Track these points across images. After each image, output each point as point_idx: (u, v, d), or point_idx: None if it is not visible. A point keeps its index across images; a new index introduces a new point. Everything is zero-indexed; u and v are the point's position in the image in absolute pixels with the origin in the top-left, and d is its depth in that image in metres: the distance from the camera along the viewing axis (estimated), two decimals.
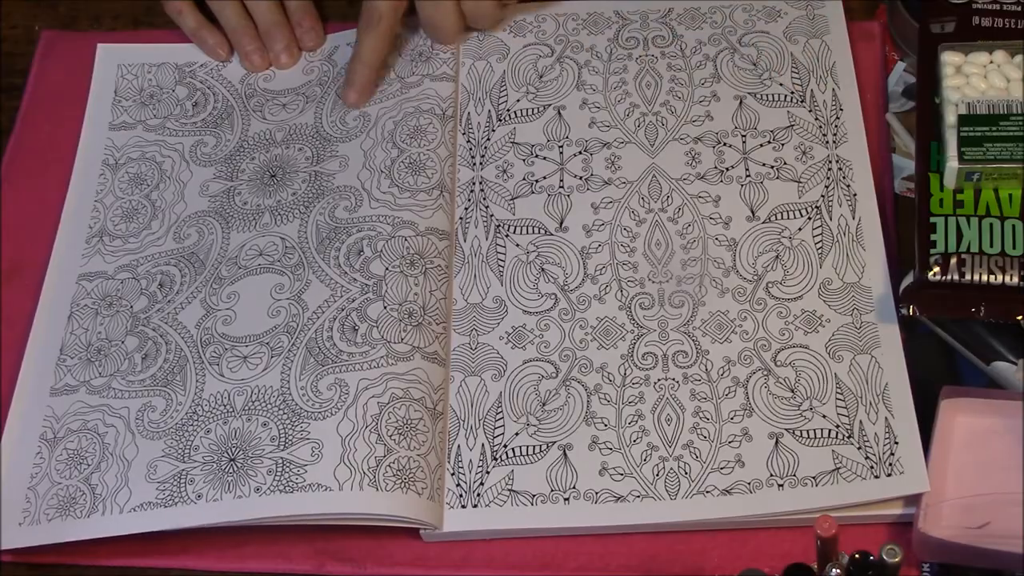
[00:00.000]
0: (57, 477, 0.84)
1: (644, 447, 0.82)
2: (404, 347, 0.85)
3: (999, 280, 0.80)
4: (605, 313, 0.87)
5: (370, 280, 0.88)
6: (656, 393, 0.84)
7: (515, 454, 0.83)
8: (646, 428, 0.83)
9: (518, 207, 0.92)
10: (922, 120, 0.86)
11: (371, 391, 0.84)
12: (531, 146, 0.94)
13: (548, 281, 0.89)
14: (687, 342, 0.85)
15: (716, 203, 0.89)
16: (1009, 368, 0.81)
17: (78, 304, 0.91)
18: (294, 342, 0.87)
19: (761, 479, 0.80)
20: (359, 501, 0.80)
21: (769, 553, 0.79)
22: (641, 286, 0.87)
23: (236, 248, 0.91)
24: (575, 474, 0.82)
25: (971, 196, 0.83)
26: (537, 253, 0.90)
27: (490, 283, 0.89)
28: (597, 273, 0.88)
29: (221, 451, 0.83)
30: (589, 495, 0.81)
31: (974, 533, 0.76)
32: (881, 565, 0.68)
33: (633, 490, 0.81)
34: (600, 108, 0.95)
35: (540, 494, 0.81)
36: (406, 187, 0.92)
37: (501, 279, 0.89)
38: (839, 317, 0.84)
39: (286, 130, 0.97)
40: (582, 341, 0.86)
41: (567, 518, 0.81)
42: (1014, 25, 0.87)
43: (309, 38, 1.02)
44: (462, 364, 0.86)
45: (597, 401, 0.84)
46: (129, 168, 0.97)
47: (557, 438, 0.83)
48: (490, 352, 0.87)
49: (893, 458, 0.78)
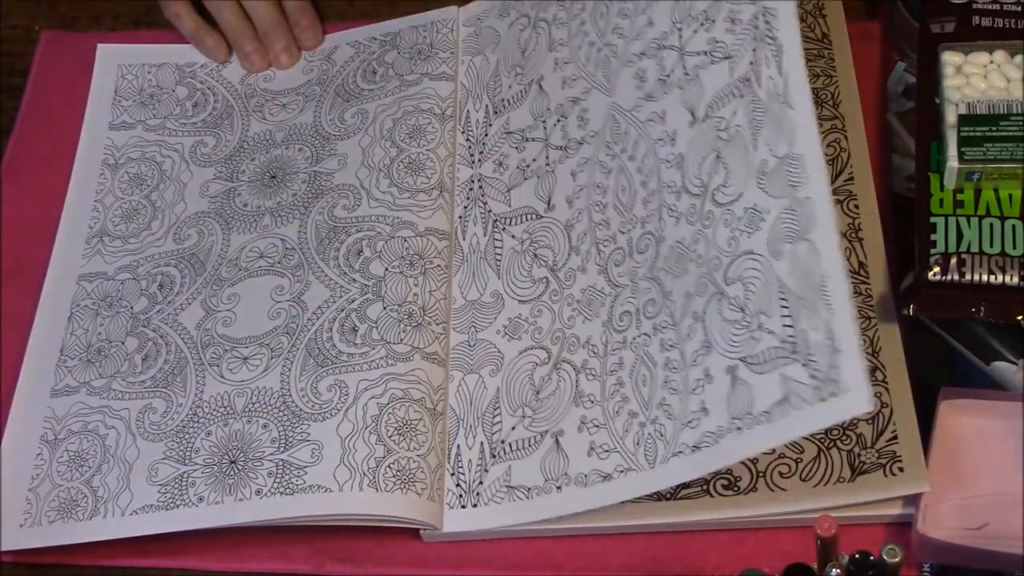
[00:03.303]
0: (58, 479, 0.84)
1: (626, 416, 0.81)
2: (404, 348, 0.85)
3: (999, 280, 0.80)
4: (588, 282, 0.86)
5: (370, 281, 0.88)
6: (632, 354, 0.83)
7: (511, 449, 0.83)
8: (626, 395, 0.82)
9: (514, 198, 0.92)
10: (922, 120, 0.86)
11: (371, 392, 0.84)
12: (521, 131, 0.93)
13: (540, 266, 0.88)
14: (654, 288, 0.83)
15: (663, 120, 0.86)
16: (1009, 368, 0.81)
17: (78, 305, 0.91)
18: (294, 343, 0.87)
19: (724, 425, 0.77)
20: (359, 502, 0.80)
21: (769, 553, 0.79)
22: (614, 241, 0.86)
23: (236, 250, 0.91)
24: (566, 460, 0.81)
25: (971, 196, 0.82)
26: (531, 240, 0.89)
27: (488, 279, 0.89)
28: (579, 243, 0.88)
29: (222, 453, 0.83)
30: (579, 480, 0.81)
31: (973, 534, 0.76)
32: (881, 565, 0.68)
33: (618, 465, 0.80)
34: (568, 62, 0.93)
35: (535, 487, 0.81)
36: (405, 187, 0.92)
37: (498, 273, 0.89)
38: (776, 203, 0.79)
39: (286, 130, 0.97)
40: (570, 319, 0.85)
41: (560, 507, 0.80)
42: (1014, 25, 0.87)
43: (307, 37, 1.01)
44: (461, 362, 0.86)
45: (584, 379, 0.83)
46: (129, 168, 0.97)
47: (550, 426, 0.83)
48: (488, 348, 0.87)
49: (837, 372, 0.74)
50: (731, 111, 0.82)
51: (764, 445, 0.76)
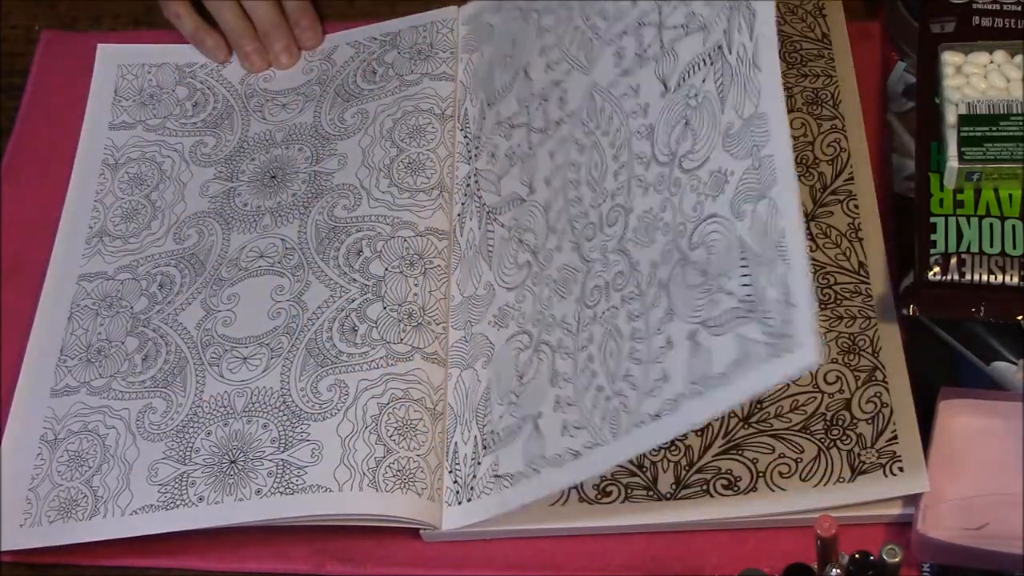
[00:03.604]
0: (58, 479, 0.84)
1: (594, 392, 0.79)
2: (404, 347, 0.85)
3: (999, 280, 0.80)
4: (564, 261, 0.85)
5: (370, 280, 0.88)
6: (602, 329, 0.80)
7: (500, 438, 0.82)
8: (595, 371, 0.80)
9: (503, 187, 0.91)
10: (922, 120, 0.86)
11: (371, 392, 0.84)
12: (508, 119, 0.93)
13: (525, 250, 0.87)
14: (623, 260, 0.81)
15: (636, 93, 0.84)
16: (1009, 368, 0.81)
17: (78, 304, 0.91)
18: (294, 343, 0.87)
19: (683, 391, 0.75)
20: (359, 502, 0.80)
21: (769, 553, 0.79)
22: (586, 217, 0.85)
23: (236, 250, 0.91)
24: (543, 443, 0.80)
25: (971, 196, 0.82)
26: (516, 226, 0.89)
27: (482, 272, 0.89)
28: (555, 222, 0.86)
29: (222, 453, 0.83)
30: (554, 460, 0.79)
31: (973, 534, 0.76)
32: (881, 565, 0.68)
33: (586, 442, 0.78)
34: (553, 47, 0.92)
35: (518, 472, 0.80)
36: (405, 187, 0.92)
37: (490, 264, 0.89)
38: (740, 164, 0.77)
39: (286, 130, 0.97)
40: (548, 299, 0.84)
41: (538, 490, 0.79)
42: (1014, 25, 0.87)
43: (307, 37, 1.02)
44: (459, 358, 0.86)
45: (559, 358, 0.82)
46: (129, 168, 0.97)
47: (530, 410, 0.82)
48: (481, 340, 0.86)
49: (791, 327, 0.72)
50: (701, 78, 0.80)
51: (723, 407, 0.73)
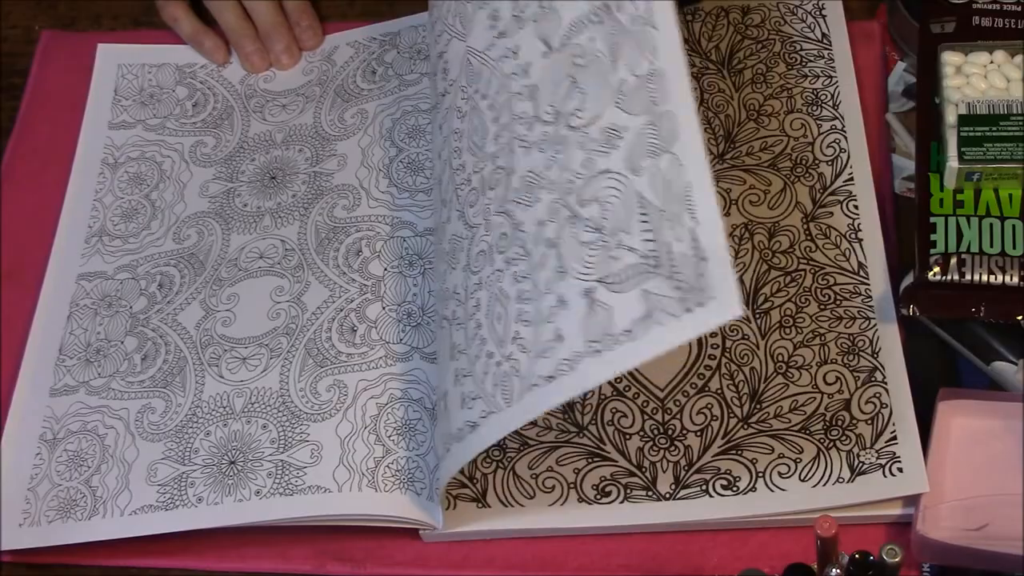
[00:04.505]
0: (57, 479, 0.84)
1: (484, 359, 0.77)
2: (403, 347, 0.85)
3: (999, 280, 0.80)
4: (452, 231, 0.83)
5: (369, 281, 0.88)
6: (487, 293, 0.78)
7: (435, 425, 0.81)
8: (484, 337, 0.77)
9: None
10: (922, 120, 0.86)
11: (370, 392, 0.84)
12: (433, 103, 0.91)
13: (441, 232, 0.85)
14: (506, 222, 0.78)
15: (515, 55, 0.81)
16: (1009, 368, 0.81)
17: (77, 304, 0.91)
18: (293, 343, 0.87)
19: (580, 350, 0.73)
20: (358, 502, 0.80)
21: (769, 553, 0.79)
22: (469, 183, 0.82)
23: (236, 250, 0.91)
24: (449, 419, 0.78)
25: (971, 196, 0.82)
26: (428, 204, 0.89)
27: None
28: (445, 194, 0.84)
29: (221, 453, 0.83)
30: (457, 436, 0.77)
31: (973, 535, 0.76)
32: (881, 565, 0.68)
33: (482, 411, 0.76)
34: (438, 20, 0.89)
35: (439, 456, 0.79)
36: (404, 187, 0.92)
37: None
38: (635, 120, 0.75)
39: (286, 131, 0.97)
40: (444, 272, 0.83)
41: (446, 470, 0.78)
42: (1014, 25, 0.87)
43: (308, 37, 1.01)
44: None
45: (454, 331, 0.80)
46: (128, 168, 0.97)
47: (441, 390, 0.80)
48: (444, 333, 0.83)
49: (704, 280, 0.70)
50: (588, 37, 0.78)
51: (628, 363, 0.72)
